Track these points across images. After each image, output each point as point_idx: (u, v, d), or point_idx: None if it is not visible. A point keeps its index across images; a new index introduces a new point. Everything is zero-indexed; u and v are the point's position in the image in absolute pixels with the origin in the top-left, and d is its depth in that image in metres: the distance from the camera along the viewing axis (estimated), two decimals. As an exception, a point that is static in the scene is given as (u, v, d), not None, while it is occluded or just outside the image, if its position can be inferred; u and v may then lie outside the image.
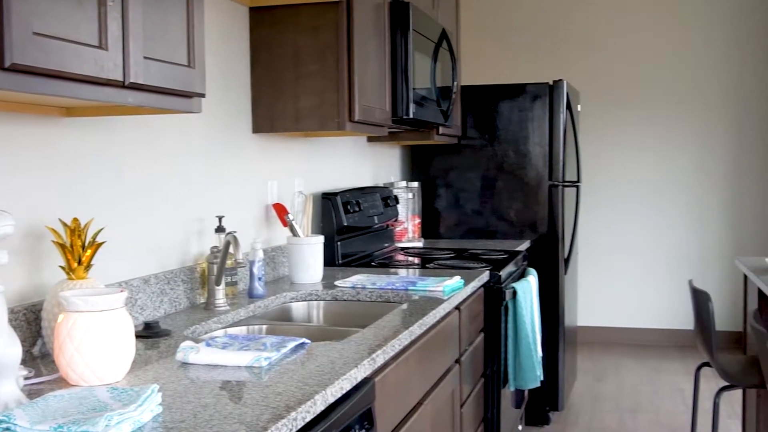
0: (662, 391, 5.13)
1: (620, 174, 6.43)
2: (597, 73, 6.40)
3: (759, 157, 6.20)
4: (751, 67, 6.18)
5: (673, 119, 6.32)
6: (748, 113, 6.21)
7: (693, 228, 6.33)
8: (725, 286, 6.25)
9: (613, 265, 6.47)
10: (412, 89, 3.28)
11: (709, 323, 2.95)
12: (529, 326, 3.35)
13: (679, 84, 6.31)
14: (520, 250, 3.99)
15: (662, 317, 6.38)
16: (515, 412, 3.71)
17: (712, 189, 6.29)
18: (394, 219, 3.94)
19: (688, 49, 6.27)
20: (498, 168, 4.60)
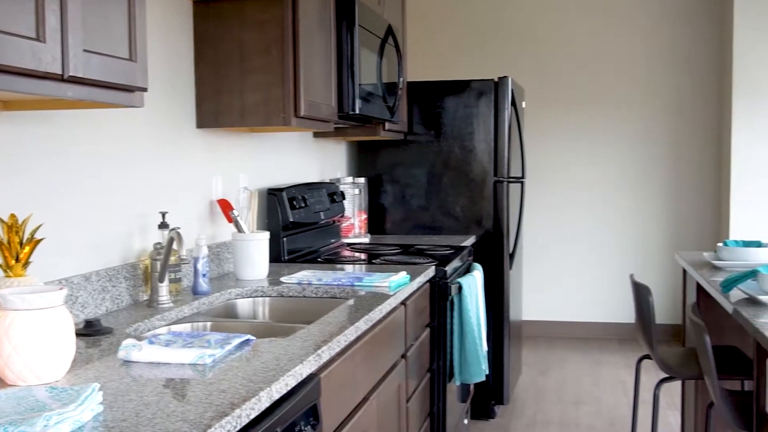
0: (604, 384, 5.22)
1: (564, 170, 6.52)
2: (542, 70, 6.48)
3: (698, 155, 6.34)
4: (691, 67, 6.31)
5: (616, 117, 6.43)
6: (687, 112, 6.34)
7: (634, 224, 6.45)
8: (665, 281, 6.38)
9: (557, 260, 6.56)
10: (358, 85, 3.27)
11: (650, 317, 3.00)
12: (474, 321, 3.38)
13: (621, 82, 6.41)
14: (465, 245, 4.02)
15: (604, 311, 6.49)
16: (461, 406, 3.74)
17: (652, 186, 6.41)
18: (340, 215, 3.93)
19: (631, 47, 6.38)
20: (444, 164, 4.62)
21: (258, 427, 1.49)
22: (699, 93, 6.32)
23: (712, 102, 6.30)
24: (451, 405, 3.44)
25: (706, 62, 6.29)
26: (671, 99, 6.36)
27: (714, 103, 6.30)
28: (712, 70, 6.29)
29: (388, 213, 4.71)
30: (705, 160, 6.34)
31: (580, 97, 6.47)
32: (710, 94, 6.30)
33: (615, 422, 4.47)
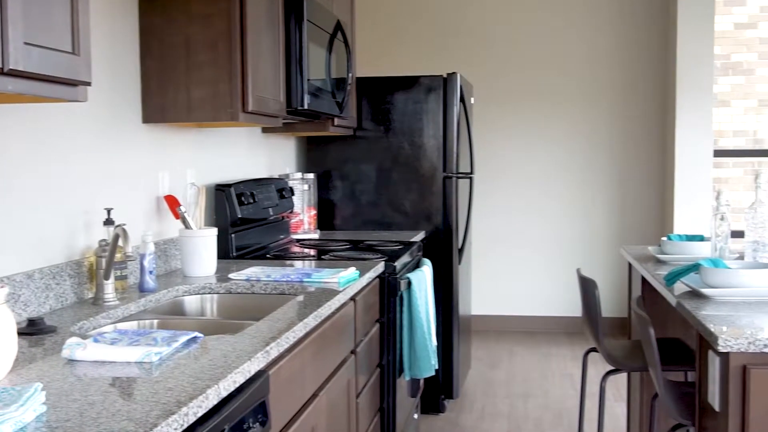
0: (552, 377, 5.28)
1: (512, 166, 6.58)
2: (491, 67, 6.52)
3: (643, 152, 6.45)
4: (635, 65, 6.42)
5: (563, 113, 6.51)
6: (632, 109, 6.44)
7: (581, 219, 6.54)
8: (611, 275, 6.48)
9: (506, 255, 6.61)
10: (306, 80, 3.26)
11: (596, 310, 3.05)
12: (423, 316, 3.39)
13: (567, 79, 6.49)
14: (415, 240, 4.04)
15: (552, 305, 6.57)
16: (411, 401, 3.76)
17: (599, 182, 6.51)
18: (289, 211, 3.91)
19: (577, 45, 6.46)
20: (393, 160, 4.63)
21: (206, 424, 1.47)
22: (643, 90, 6.43)
23: (656, 99, 6.42)
24: (401, 400, 3.45)
25: (650, 60, 6.40)
26: (616, 96, 6.46)
27: (658, 101, 6.41)
28: (655, 68, 6.40)
29: (337, 209, 4.70)
30: (650, 157, 6.45)
31: (527, 94, 6.53)
32: (654, 91, 6.42)
33: (563, 414, 4.53)
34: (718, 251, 2.83)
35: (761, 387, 1.88)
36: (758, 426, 1.89)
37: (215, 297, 2.64)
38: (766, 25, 7.15)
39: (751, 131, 7.32)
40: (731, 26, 7.29)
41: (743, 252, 2.83)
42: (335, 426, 2.52)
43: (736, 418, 1.91)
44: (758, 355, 1.89)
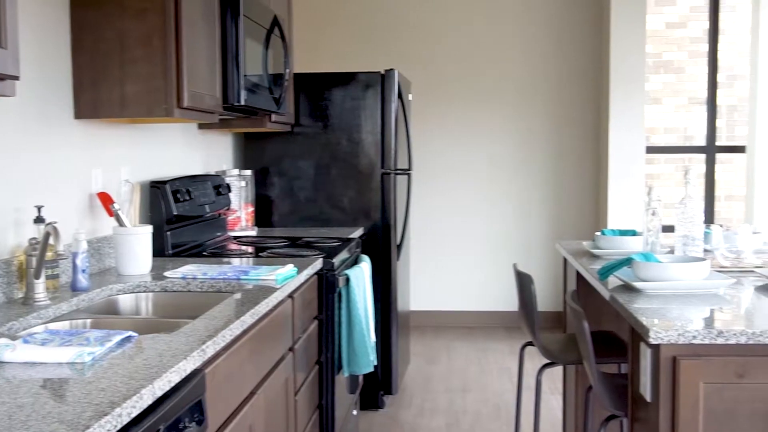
0: (490, 371, 5.34)
1: (450, 162, 6.62)
2: (428, 64, 6.55)
3: (578, 149, 6.55)
4: (571, 64, 6.52)
5: (499, 110, 6.57)
6: (567, 107, 6.55)
7: (517, 215, 6.62)
8: (547, 269, 6.58)
9: (445, 251, 6.66)
10: (243, 76, 3.23)
11: (532, 304, 3.09)
12: (362, 312, 3.39)
13: (504, 76, 6.56)
14: (353, 237, 4.04)
15: (490, 300, 6.64)
16: (350, 398, 3.76)
17: (535, 178, 6.59)
18: (226, 207, 3.88)
19: (513, 42, 6.54)
20: (331, 156, 4.62)
21: (140, 425, 1.45)
22: (578, 88, 6.53)
23: (590, 97, 6.53)
24: (340, 397, 3.45)
25: (585, 58, 6.51)
26: (552, 94, 6.55)
27: (592, 98, 6.52)
28: (590, 66, 6.51)
29: (275, 205, 4.67)
30: (584, 153, 6.56)
31: (465, 91, 6.58)
32: (589, 89, 6.53)
33: (500, 408, 4.58)
34: (650, 245, 2.90)
35: (690, 377, 1.93)
36: (687, 415, 1.93)
37: (150, 296, 2.60)
38: (695, 25, 7.32)
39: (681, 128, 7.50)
40: (662, 25, 7.45)
41: (674, 246, 2.90)
42: (273, 424, 2.51)
43: (667, 408, 1.96)
44: (687, 346, 1.94)
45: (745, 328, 1.93)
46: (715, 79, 6.34)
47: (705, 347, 1.94)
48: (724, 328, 1.94)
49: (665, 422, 1.96)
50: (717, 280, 2.43)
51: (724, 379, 1.93)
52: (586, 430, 2.85)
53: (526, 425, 4.19)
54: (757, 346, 1.93)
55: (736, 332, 1.92)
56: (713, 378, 1.93)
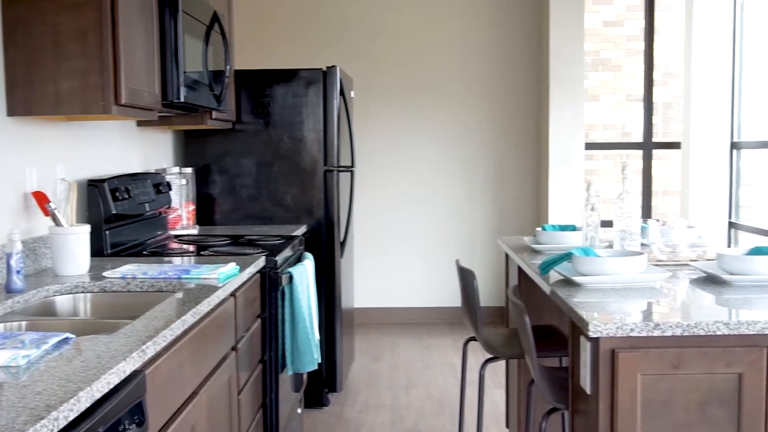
0: (434, 367, 5.37)
1: (393, 159, 6.64)
2: (370, 61, 6.56)
3: (519, 146, 6.63)
4: (512, 62, 6.58)
5: (441, 107, 6.61)
6: (508, 105, 6.61)
7: (460, 211, 6.66)
8: (490, 265, 6.64)
9: (388, 248, 6.68)
10: (183, 72, 3.19)
11: (474, 300, 3.11)
12: (306, 310, 3.38)
13: (446, 73, 6.60)
14: (296, 234, 4.02)
15: (433, 296, 6.68)
16: (294, 396, 3.74)
17: (477, 175, 6.65)
18: (166, 206, 3.82)
19: (455, 40, 6.58)
20: (274, 153, 4.59)
21: (78, 428, 1.42)
22: (518, 86, 6.60)
23: (530, 94, 6.60)
24: (284, 395, 3.43)
25: (525, 57, 6.58)
26: (493, 91, 6.61)
27: (533, 96, 6.60)
28: (530, 65, 6.58)
29: (217, 203, 4.63)
30: (525, 150, 6.64)
31: (407, 88, 6.60)
32: (529, 87, 6.60)
33: (444, 403, 4.61)
34: (589, 240, 2.94)
35: (628, 369, 1.97)
36: (626, 406, 1.97)
37: (89, 296, 2.55)
38: (632, 23, 7.47)
39: (619, 125, 7.64)
40: (600, 24, 7.58)
41: (612, 241, 2.95)
42: (216, 424, 2.49)
43: (606, 400, 1.99)
44: (625, 339, 1.98)
45: (681, 320, 1.98)
46: (651, 76, 6.47)
47: (642, 340, 1.98)
48: (661, 320, 1.98)
49: (604, 413, 1.99)
50: (654, 274, 2.48)
51: (660, 371, 1.97)
52: (528, 423, 2.89)
53: (470, 420, 4.22)
54: (692, 337, 1.97)
55: (671, 324, 1.96)
56: (650, 369, 1.97)
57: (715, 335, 1.97)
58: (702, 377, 1.99)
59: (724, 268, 2.51)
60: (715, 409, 1.99)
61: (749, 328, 1.97)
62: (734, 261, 2.48)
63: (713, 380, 1.99)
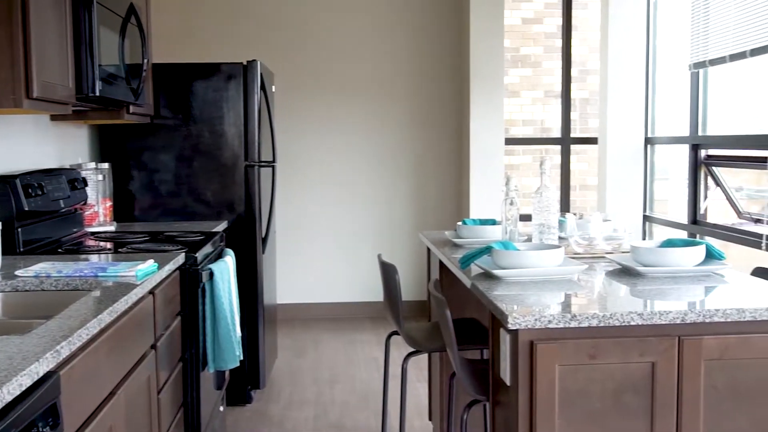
0: (357, 361, 5.38)
1: (315, 154, 6.62)
2: (291, 55, 6.52)
3: (440, 140, 6.68)
4: (433, 56, 6.63)
5: (363, 103, 6.62)
6: (430, 100, 6.66)
7: (382, 206, 6.69)
8: (412, 259, 6.68)
9: (310, 243, 6.65)
10: (98, 65, 3.11)
11: (396, 294, 3.13)
12: (227, 307, 3.35)
13: (367, 68, 6.60)
14: (217, 231, 3.97)
15: (356, 291, 6.69)
16: (216, 394, 3.70)
17: (399, 169, 6.68)
18: (82, 202, 3.73)
19: (376, 35, 6.59)
20: (193, 148, 4.52)
21: (-12, 432, 1.38)
22: (440, 82, 6.66)
23: (452, 90, 6.66)
24: (206, 393, 3.39)
25: (446, 52, 6.64)
26: (415, 87, 6.65)
27: (454, 91, 6.66)
28: (451, 60, 6.64)
29: (136, 200, 4.54)
30: (447, 145, 6.70)
31: (328, 83, 6.58)
32: (450, 82, 6.66)
33: (368, 397, 4.63)
34: (509, 234, 2.99)
35: (546, 360, 2.00)
36: (544, 396, 2.01)
37: (0, 296, 2.47)
38: (550, 21, 7.61)
39: (539, 120, 7.78)
40: (519, 21, 7.70)
41: (531, 234, 3.00)
42: (135, 424, 2.44)
43: (525, 391, 2.03)
44: (544, 330, 2.01)
45: (597, 311, 2.02)
46: (569, 73, 6.60)
47: (560, 331, 2.02)
48: (578, 312, 2.02)
49: (524, 404, 2.03)
50: (571, 267, 2.54)
51: (577, 361, 2.02)
52: (450, 415, 2.92)
53: (393, 413, 4.25)
54: (608, 328, 2.02)
55: (588, 316, 2.00)
56: (568, 360, 2.02)
57: (629, 326, 2.03)
58: (617, 367, 2.04)
59: (638, 260, 2.58)
60: (630, 397, 2.05)
61: (661, 318, 2.03)
62: (648, 253, 2.55)
63: (628, 369, 2.04)
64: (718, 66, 5.05)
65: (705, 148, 5.42)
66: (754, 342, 2.08)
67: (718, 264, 2.56)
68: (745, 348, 2.07)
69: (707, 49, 5.10)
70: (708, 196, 5.49)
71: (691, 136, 5.49)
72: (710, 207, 5.52)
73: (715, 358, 2.06)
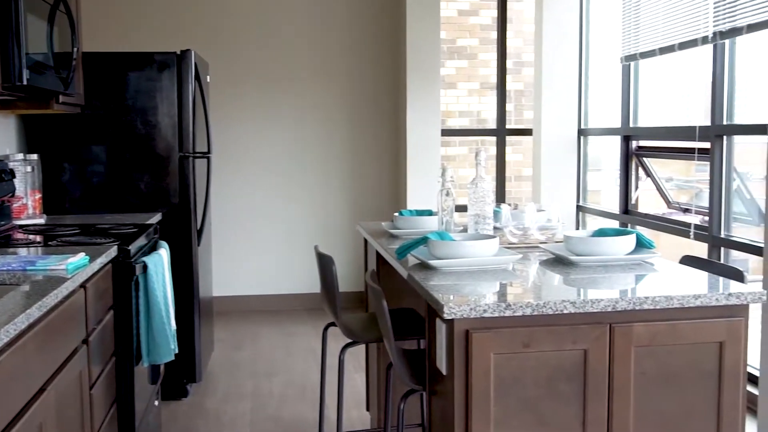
0: (295, 353, 5.36)
1: (251, 145, 6.56)
2: (227, 45, 6.44)
3: (377, 132, 6.69)
4: (369, 47, 6.62)
5: (300, 94, 6.58)
6: (366, 91, 6.66)
7: (319, 197, 6.67)
8: (349, 250, 6.68)
9: (247, 235, 6.60)
10: (25, 54, 3.03)
11: (333, 285, 3.12)
12: (161, 300, 3.30)
13: (304, 60, 6.57)
14: (151, 223, 3.91)
15: (294, 283, 6.67)
16: (151, 388, 3.65)
17: (336, 161, 6.67)
18: (10, 194, 3.63)
19: (312, 27, 6.55)
20: (126, 139, 4.44)
21: None
22: (376, 73, 6.66)
23: (388, 81, 6.67)
24: (140, 388, 3.34)
25: (383, 44, 6.64)
26: (351, 78, 6.64)
27: (390, 83, 6.67)
28: (388, 52, 6.64)
29: (67, 192, 4.43)
30: (384, 136, 6.71)
31: (265, 75, 6.53)
32: (387, 74, 6.66)
33: (306, 388, 4.62)
34: (444, 224, 3.01)
35: (481, 349, 2.02)
36: (479, 385, 2.03)
37: (-77, 291, 2.39)
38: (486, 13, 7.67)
39: (475, 112, 7.84)
40: (455, 13, 7.75)
41: (467, 225, 3.02)
42: (67, 420, 2.39)
43: (461, 380, 2.05)
44: (479, 320, 2.03)
45: (531, 300, 2.05)
46: (504, 65, 6.67)
47: (494, 320, 2.04)
48: (512, 301, 2.05)
49: (459, 393, 2.05)
50: (506, 256, 2.57)
51: (512, 349, 2.04)
52: (387, 405, 2.93)
53: (331, 404, 4.25)
54: (541, 316, 2.05)
55: (522, 305, 2.03)
56: (502, 349, 2.04)
57: (562, 314, 2.06)
58: (551, 354, 2.07)
59: (571, 249, 2.62)
60: (563, 384, 2.08)
61: (593, 306, 2.06)
62: (580, 243, 2.60)
63: (561, 357, 2.07)
64: (648, 59, 5.16)
65: (636, 140, 5.54)
66: (682, 328, 2.13)
67: (648, 253, 2.62)
68: (673, 334, 2.13)
69: (638, 42, 5.20)
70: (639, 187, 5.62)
71: (623, 127, 5.60)
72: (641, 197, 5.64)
73: (644, 345, 2.11)
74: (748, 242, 4.25)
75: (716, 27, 4.30)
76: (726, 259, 4.44)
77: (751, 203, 4.70)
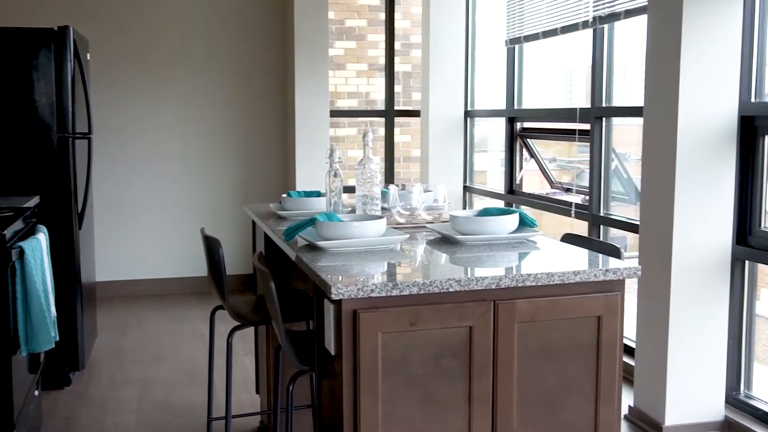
0: (183, 338, 5.27)
1: (135, 126, 6.38)
2: (109, 23, 6.23)
3: (265, 113, 6.62)
4: (257, 27, 6.53)
5: (186, 74, 6.44)
6: (255, 72, 6.57)
7: (205, 179, 6.56)
8: (237, 233, 6.60)
9: (132, 218, 6.44)
10: None
11: (220, 268, 3.08)
12: (40, 286, 3.18)
13: (192, 39, 6.42)
14: (28, 206, 3.75)
15: (180, 266, 6.54)
16: (30, 378, 3.52)
17: (224, 142, 6.56)
18: None
19: (199, 5, 6.41)
20: (0, 119, 4.24)
21: None
22: (264, 53, 6.58)
23: (276, 61, 6.60)
24: (19, 378, 3.22)
25: (270, 24, 6.56)
26: (239, 58, 6.54)
27: (278, 63, 6.60)
28: (275, 32, 6.57)
29: (-65, 174, 4.21)
30: (272, 117, 6.64)
31: (150, 54, 6.36)
32: (275, 54, 6.60)
33: (195, 373, 4.55)
34: (333, 206, 3.00)
35: (369, 329, 2.04)
36: (367, 364, 2.05)
37: None
38: (373, -6, 7.67)
39: (363, 93, 7.86)
40: (344, -7, 7.72)
41: (355, 205, 3.03)
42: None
43: (349, 360, 2.05)
44: (366, 300, 2.04)
45: (418, 279, 2.08)
46: (392, 46, 6.70)
47: (382, 299, 2.06)
48: (399, 281, 2.07)
49: (348, 372, 2.06)
50: (393, 237, 2.59)
51: (399, 328, 2.07)
52: (277, 387, 2.92)
53: (220, 388, 4.20)
54: (428, 295, 2.08)
55: (409, 284, 2.05)
56: (390, 328, 2.06)
57: (448, 292, 2.09)
58: (437, 332, 2.10)
59: (457, 228, 2.66)
60: (449, 360, 2.12)
61: (478, 283, 2.11)
62: (465, 222, 2.64)
63: (447, 334, 2.11)
64: (532, 42, 5.29)
65: (520, 121, 5.68)
66: (563, 303, 2.20)
67: (531, 231, 2.69)
68: (554, 310, 2.19)
69: (522, 26, 5.32)
70: (523, 167, 5.76)
71: (508, 109, 5.73)
72: (525, 177, 5.80)
73: (527, 321, 2.17)
74: (625, 220, 4.43)
75: (596, 12, 4.44)
76: (605, 237, 4.62)
77: (628, 183, 4.90)
